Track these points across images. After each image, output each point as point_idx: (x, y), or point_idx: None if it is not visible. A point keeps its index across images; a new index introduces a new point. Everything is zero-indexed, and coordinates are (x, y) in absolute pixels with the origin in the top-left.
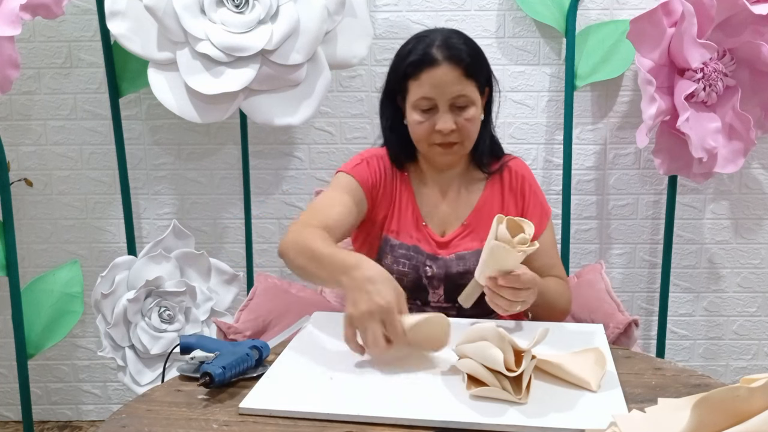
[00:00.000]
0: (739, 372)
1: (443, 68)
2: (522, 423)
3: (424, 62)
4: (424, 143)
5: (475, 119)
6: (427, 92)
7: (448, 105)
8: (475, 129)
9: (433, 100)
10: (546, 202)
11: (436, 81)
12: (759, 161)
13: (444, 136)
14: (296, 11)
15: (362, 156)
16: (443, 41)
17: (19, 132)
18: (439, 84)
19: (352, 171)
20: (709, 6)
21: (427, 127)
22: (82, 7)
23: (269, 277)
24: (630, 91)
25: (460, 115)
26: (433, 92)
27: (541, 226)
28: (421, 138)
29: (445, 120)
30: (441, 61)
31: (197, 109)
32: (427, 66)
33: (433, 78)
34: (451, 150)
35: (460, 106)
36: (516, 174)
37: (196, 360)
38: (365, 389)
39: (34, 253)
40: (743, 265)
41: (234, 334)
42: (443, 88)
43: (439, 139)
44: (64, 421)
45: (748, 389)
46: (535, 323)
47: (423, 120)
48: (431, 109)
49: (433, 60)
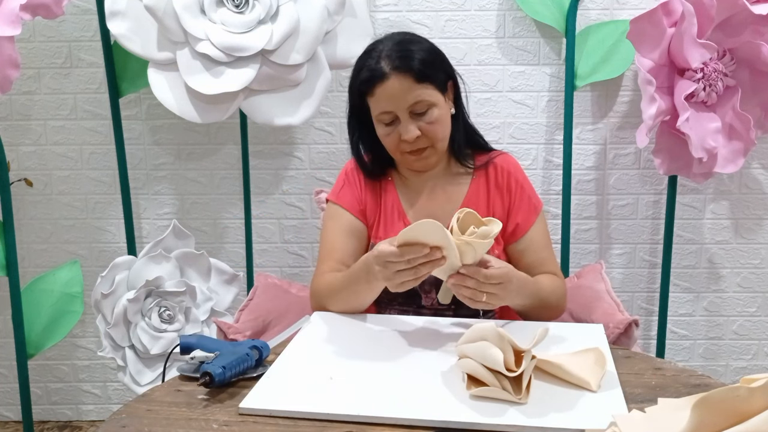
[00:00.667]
0: (739, 372)
1: (392, 80)
2: (522, 423)
3: (374, 78)
4: (396, 153)
5: (439, 120)
6: (384, 107)
7: (407, 114)
8: (442, 129)
9: (392, 112)
10: (535, 197)
11: (388, 94)
12: (759, 161)
13: (412, 144)
14: (296, 11)
15: (344, 172)
16: (389, 53)
17: (19, 132)
18: (392, 96)
19: (339, 200)
20: (709, 6)
21: (394, 139)
22: (82, 7)
23: (269, 277)
24: (630, 91)
25: (422, 120)
26: (390, 105)
27: (528, 221)
28: (391, 148)
29: (407, 129)
30: (389, 74)
31: (197, 109)
32: (378, 81)
33: (385, 92)
34: (423, 155)
35: (419, 112)
36: (501, 170)
37: (196, 360)
38: (365, 389)
39: (34, 253)
40: (743, 265)
41: (234, 334)
42: (397, 100)
43: (408, 148)
44: (64, 421)
45: (748, 389)
46: (536, 323)
47: (389, 132)
48: (393, 120)
49: (382, 74)
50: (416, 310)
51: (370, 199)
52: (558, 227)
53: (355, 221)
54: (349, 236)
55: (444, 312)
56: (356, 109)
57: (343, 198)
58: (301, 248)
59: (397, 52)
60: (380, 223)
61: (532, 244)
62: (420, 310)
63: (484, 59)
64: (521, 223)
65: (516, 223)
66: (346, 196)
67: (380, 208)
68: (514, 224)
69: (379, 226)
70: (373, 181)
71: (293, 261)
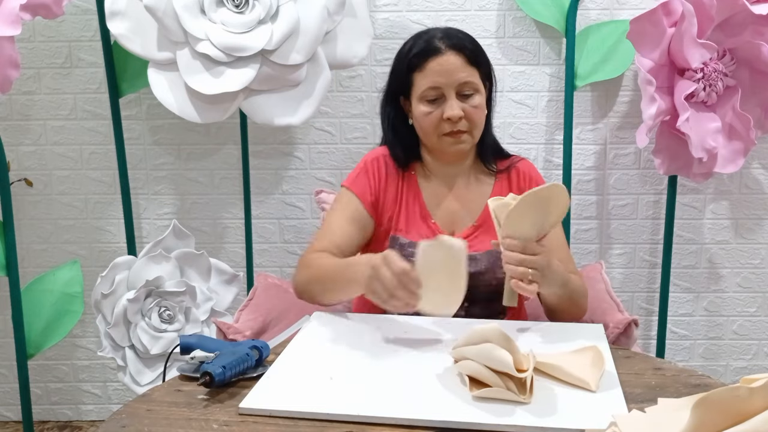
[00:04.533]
0: (739, 372)
1: (447, 55)
2: (522, 423)
3: (429, 52)
4: (433, 135)
5: (481, 107)
6: (433, 81)
7: (454, 92)
8: (481, 117)
9: (439, 88)
10: None
11: (441, 68)
12: (759, 161)
13: (453, 124)
14: (296, 11)
15: (364, 161)
16: (444, 33)
17: (19, 132)
18: (444, 71)
19: (353, 186)
20: (709, 6)
21: (435, 117)
22: (82, 7)
23: (269, 277)
24: (630, 91)
25: (466, 102)
26: (440, 80)
27: None
28: (429, 130)
29: (452, 107)
30: (445, 50)
31: (197, 109)
32: (432, 55)
33: (438, 65)
34: (460, 139)
35: (466, 93)
36: (524, 175)
37: (196, 360)
38: (365, 389)
39: (34, 253)
40: (743, 265)
41: (234, 334)
42: (449, 75)
43: (449, 128)
44: (64, 421)
45: (748, 389)
46: (536, 323)
47: (431, 110)
48: (438, 99)
49: (437, 49)
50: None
51: (390, 191)
52: None
53: (363, 211)
54: (352, 223)
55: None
56: (394, 91)
57: (357, 186)
58: (301, 248)
59: (452, 33)
60: (400, 216)
61: (551, 246)
62: None
63: None
64: None
65: None
66: (360, 184)
67: (401, 200)
68: None
69: (399, 218)
70: (396, 172)
71: (293, 261)
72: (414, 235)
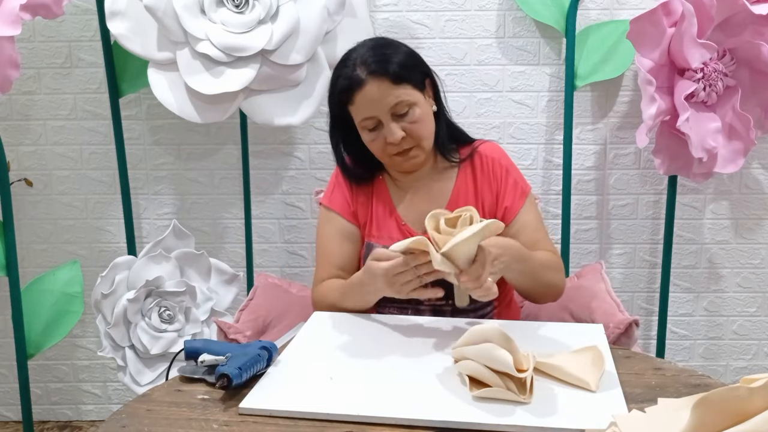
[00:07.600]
0: (739, 372)
1: (370, 85)
2: (522, 423)
3: (352, 86)
4: (384, 157)
5: (422, 118)
6: (365, 113)
7: (389, 116)
8: (426, 127)
9: (374, 117)
10: (522, 181)
11: (368, 99)
12: (759, 161)
13: (398, 146)
14: (296, 11)
15: (335, 174)
16: (363, 59)
17: (19, 132)
18: (372, 102)
19: (332, 204)
20: (709, 6)
21: (380, 143)
22: (82, 7)
23: (269, 277)
24: (630, 91)
25: (404, 120)
26: (371, 110)
27: (517, 205)
28: (378, 153)
29: (391, 132)
30: (366, 79)
31: (197, 109)
32: (356, 88)
33: (365, 98)
34: (410, 155)
35: (401, 113)
36: (486, 157)
37: (206, 363)
38: (365, 389)
39: (34, 253)
40: (743, 265)
41: (234, 334)
42: (377, 103)
43: (395, 150)
44: (64, 421)
45: (748, 389)
46: (536, 323)
47: (374, 137)
48: (377, 126)
49: (359, 81)
50: (415, 309)
51: (362, 200)
52: (558, 227)
53: (348, 225)
54: (344, 240)
55: (443, 311)
56: (338, 119)
57: (335, 202)
58: (301, 248)
59: (371, 57)
60: (373, 223)
61: (524, 226)
62: (419, 309)
63: (484, 59)
64: (510, 206)
65: (505, 207)
66: (337, 199)
67: (372, 208)
68: (503, 208)
69: (371, 225)
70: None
71: (293, 261)
72: (387, 240)
